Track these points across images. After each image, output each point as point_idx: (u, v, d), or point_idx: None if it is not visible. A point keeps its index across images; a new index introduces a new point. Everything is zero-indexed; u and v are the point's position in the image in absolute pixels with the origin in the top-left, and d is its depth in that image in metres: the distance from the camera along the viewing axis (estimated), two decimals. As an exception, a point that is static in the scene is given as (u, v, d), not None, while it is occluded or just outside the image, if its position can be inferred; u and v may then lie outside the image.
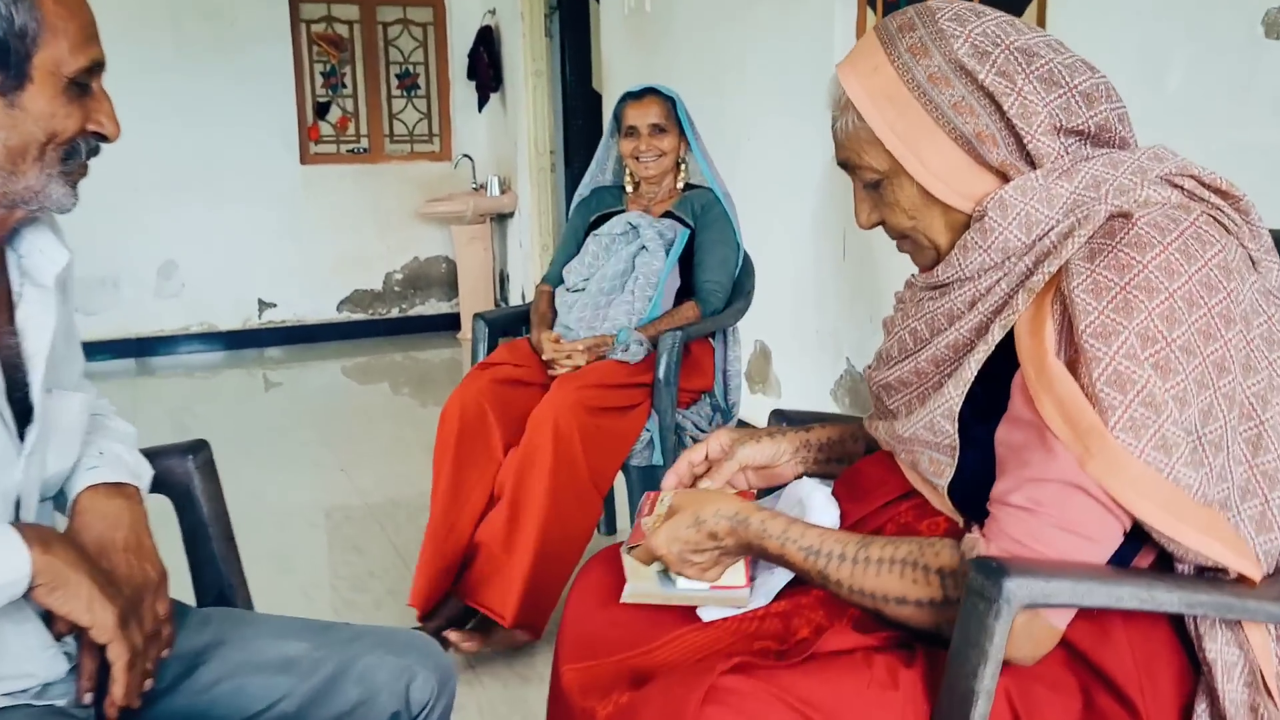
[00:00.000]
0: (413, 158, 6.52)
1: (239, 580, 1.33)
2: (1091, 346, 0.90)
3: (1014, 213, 1.00)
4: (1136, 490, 0.89)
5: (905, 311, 1.15)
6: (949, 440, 1.03)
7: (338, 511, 3.45)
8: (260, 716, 1.12)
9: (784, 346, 3.70)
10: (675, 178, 2.79)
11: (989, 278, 1.03)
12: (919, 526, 1.09)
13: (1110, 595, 0.88)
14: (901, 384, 1.13)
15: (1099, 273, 0.92)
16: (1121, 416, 0.89)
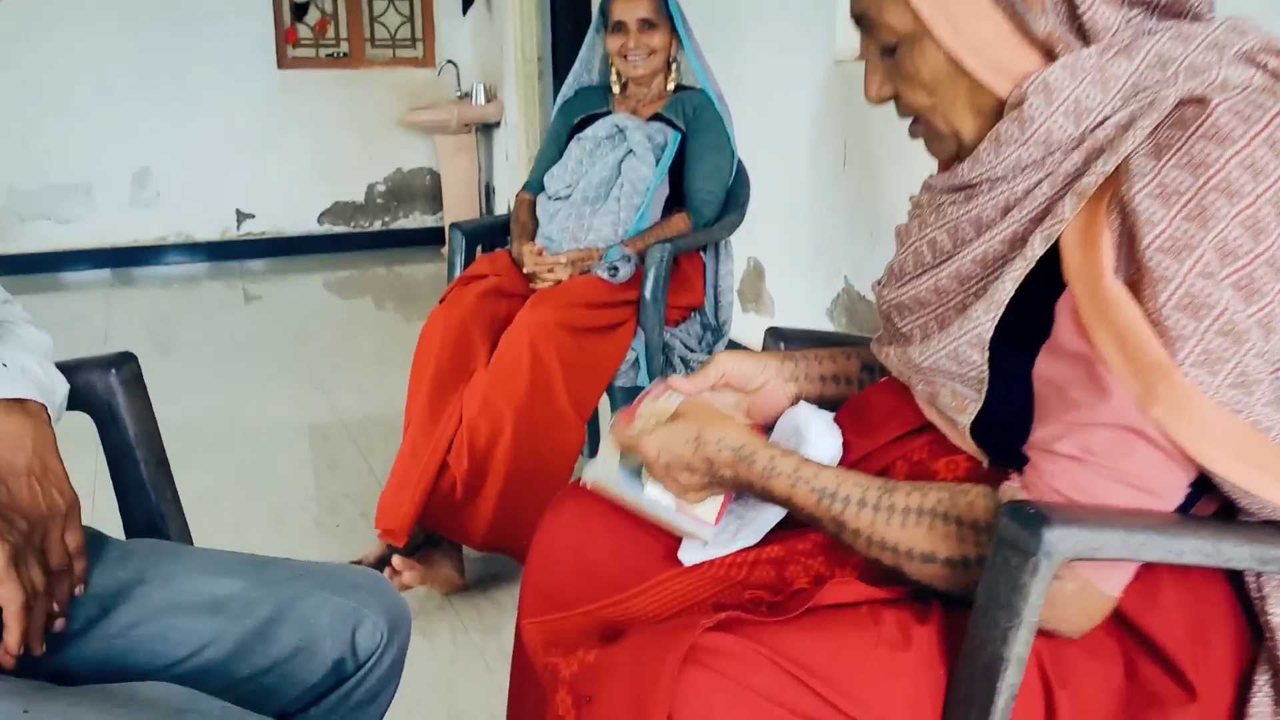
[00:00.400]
0: (395, 64, 6.26)
1: (172, 509, 1.19)
2: (1158, 264, 0.75)
3: (1060, 98, 0.82)
4: (1209, 438, 0.74)
5: (923, 219, 0.98)
6: (976, 372, 0.88)
7: (314, 430, 3.31)
8: (183, 664, 0.99)
9: (778, 263, 3.54)
10: (665, 78, 2.60)
11: (1027, 178, 0.86)
12: (934, 465, 0.95)
13: (1170, 549, 0.74)
14: (918, 304, 0.96)
15: (1168, 172, 0.76)
16: (1194, 349, 0.74)
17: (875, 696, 0.80)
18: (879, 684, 0.81)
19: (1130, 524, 0.74)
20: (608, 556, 1.05)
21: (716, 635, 0.82)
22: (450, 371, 2.23)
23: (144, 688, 0.86)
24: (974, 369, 0.88)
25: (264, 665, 1.01)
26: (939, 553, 0.84)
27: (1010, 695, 0.75)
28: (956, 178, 0.91)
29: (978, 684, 0.76)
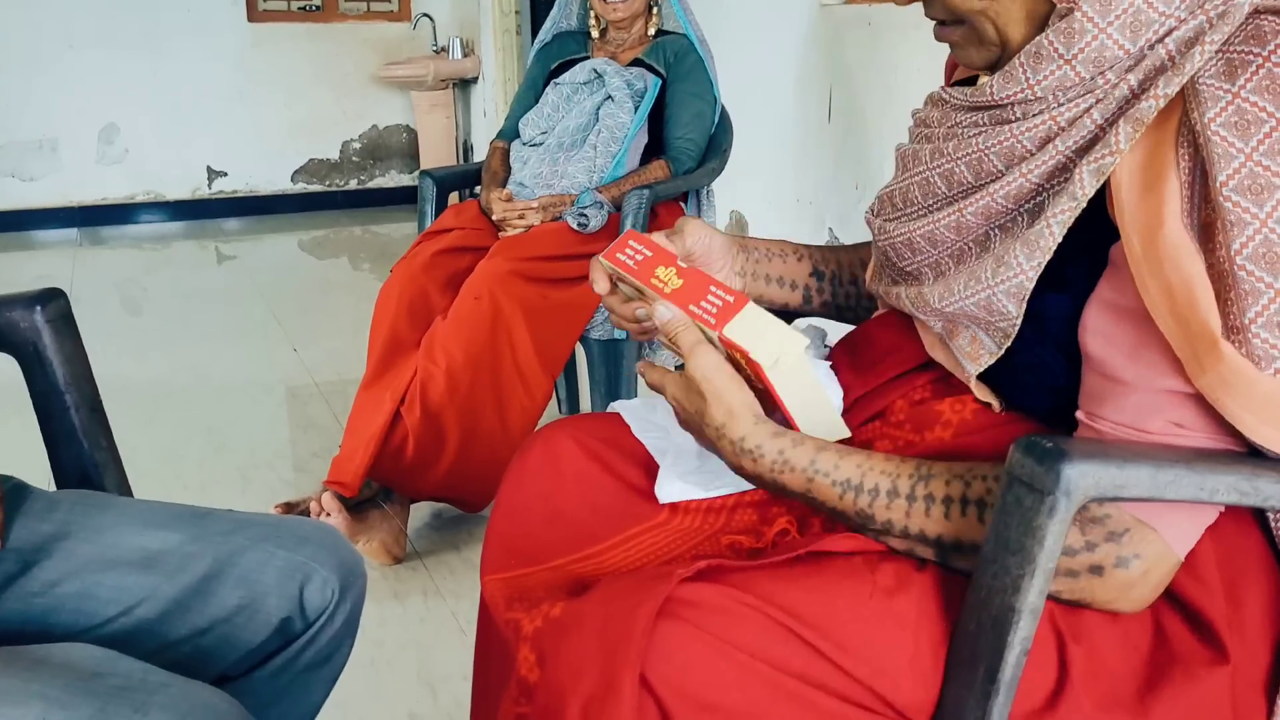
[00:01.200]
0: (369, 17, 6.08)
1: (107, 458, 1.10)
2: (1234, 206, 0.65)
3: (1120, 8, 0.71)
4: (1263, 413, 0.66)
5: (936, 145, 0.84)
6: (1008, 324, 0.77)
7: (284, 388, 3.22)
8: (111, 624, 0.91)
9: (761, 216, 3.45)
10: (646, 23, 2.50)
11: (1072, 105, 0.74)
12: (938, 405, 0.86)
13: (1202, 487, 0.66)
14: (930, 242, 0.84)
15: (1246, 98, 0.66)
16: (1267, 306, 0.65)
17: (871, 649, 0.72)
18: (876, 635, 0.73)
19: (1159, 458, 0.66)
20: (578, 505, 0.97)
21: (695, 585, 0.74)
22: (408, 328, 2.13)
23: (59, 649, 0.77)
24: (1006, 319, 0.77)
25: (202, 625, 0.93)
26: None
27: (1023, 651, 0.67)
28: (982, 94, 0.79)
29: (985, 638, 0.68)
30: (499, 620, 0.89)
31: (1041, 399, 0.80)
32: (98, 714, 0.69)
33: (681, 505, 0.93)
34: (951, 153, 0.82)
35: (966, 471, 0.76)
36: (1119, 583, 0.70)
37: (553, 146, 2.38)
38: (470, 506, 2.16)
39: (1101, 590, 0.71)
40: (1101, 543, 0.70)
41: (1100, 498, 0.65)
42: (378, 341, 2.11)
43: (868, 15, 2.85)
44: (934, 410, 0.86)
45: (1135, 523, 0.69)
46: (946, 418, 0.85)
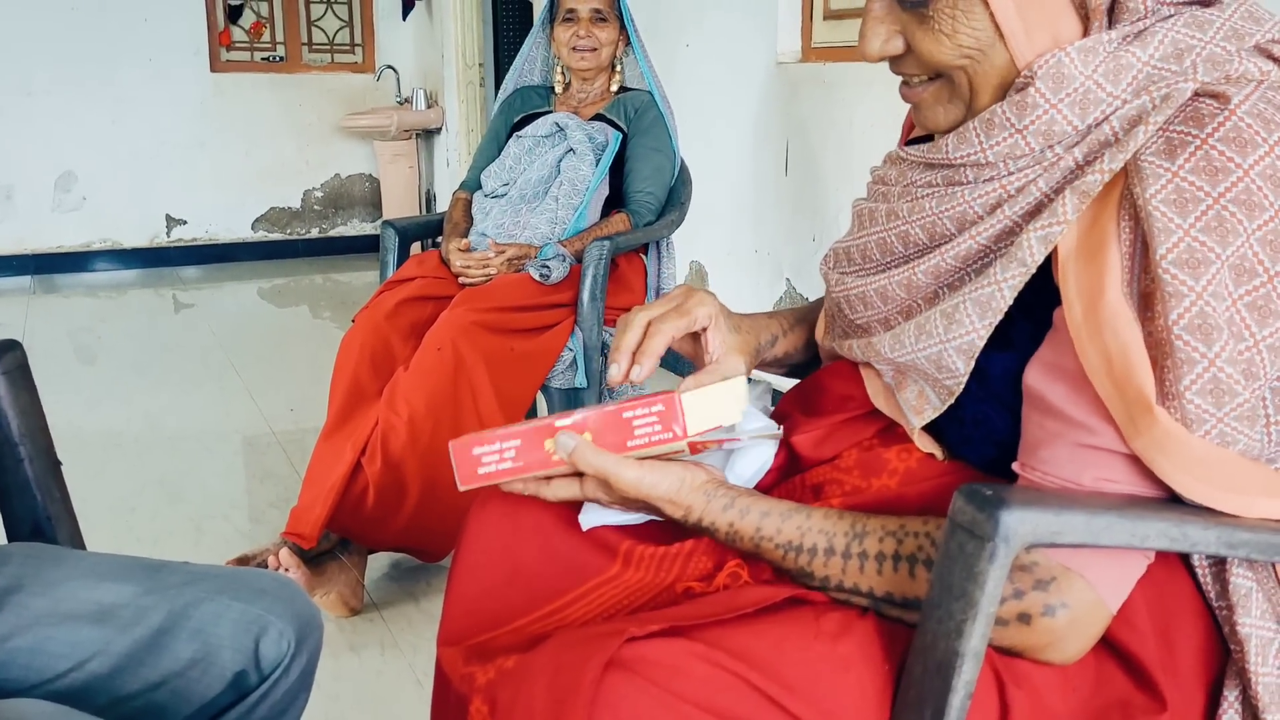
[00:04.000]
0: (333, 68, 6.13)
1: (60, 511, 1.09)
2: (1173, 278, 0.67)
3: (1071, 87, 0.74)
4: (1194, 473, 0.69)
5: (891, 206, 0.87)
6: (955, 381, 0.80)
7: (241, 437, 3.19)
8: (63, 679, 0.90)
9: (720, 266, 3.50)
10: (610, 79, 2.55)
11: (1022, 175, 0.77)
12: (885, 453, 0.88)
13: (1134, 532, 0.68)
14: (881, 297, 0.87)
15: (1185, 177, 0.68)
16: (1202, 374, 0.68)
17: (818, 692, 0.74)
18: (823, 677, 0.74)
19: (1092, 506, 0.69)
20: (538, 558, 0.97)
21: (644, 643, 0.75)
22: (370, 377, 2.13)
23: (10, 705, 0.77)
24: (953, 377, 0.80)
25: (155, 679, 0.92)
26: (924, 595, 0.75)
27: (966, 693, 0.69)
28: (937, 153, 0.82)
29: (931, 682, 0.70)
30: (454, 676, 0.90)
31: (985, 451, 0.82)
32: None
33: (636, 556, 0.94)
34: (906, 215, 0.84)
35: (899, 529, 0.79)
36: (1046, 630, 0.72)
37: (515, 198, 2.40)
38: (429, 556, 2.15)
39: (1031, 638, 0.73)
40: (1029, 591, 0.72)
41: (1037, 543, 0.68)
42: (339, 391, 2.11)
43: (822, 74, 2.92)
44: (881, 458, 0.88)
45: (1062, 570, 0.72)
46: (893, 466, 0.87)
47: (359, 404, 2.10)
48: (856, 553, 0.79)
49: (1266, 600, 0.75)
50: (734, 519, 0.84)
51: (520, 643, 0.88)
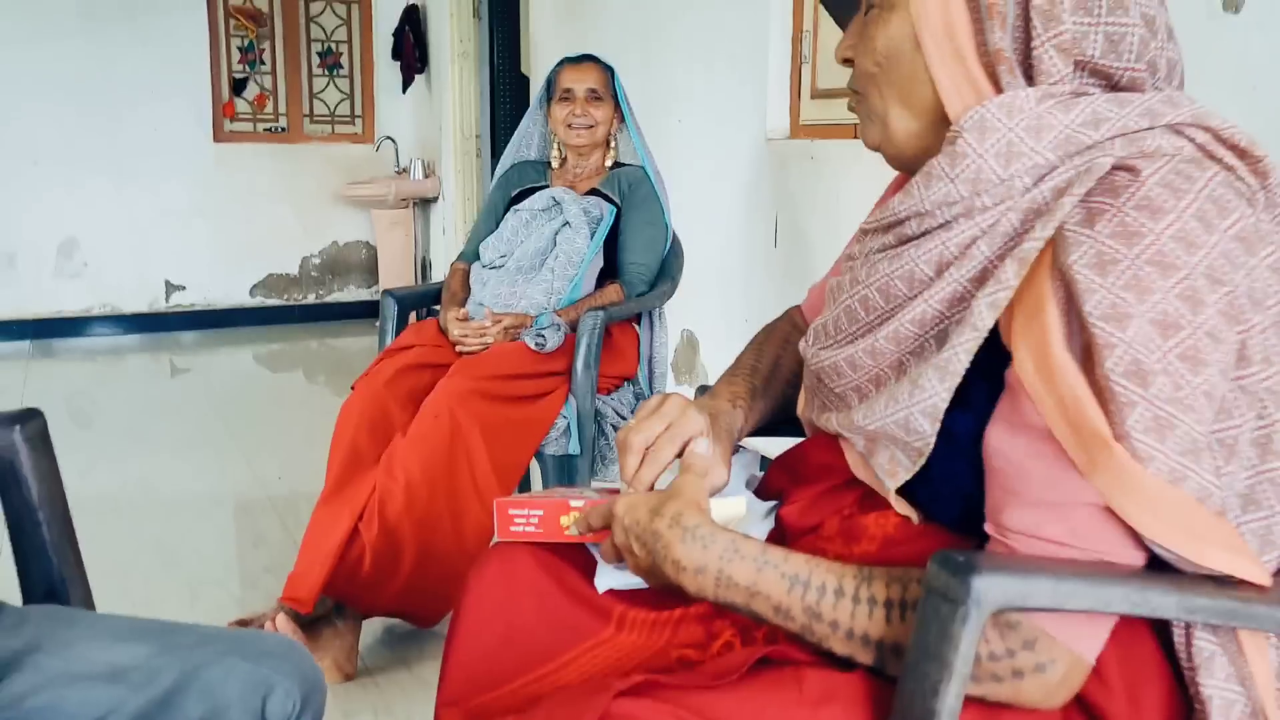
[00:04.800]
0: (333, 139, 6.26)
1: (75, 574, 1.13)
2: (1102, 331, 0.74)
3: (994, 138, 0.82)
4: (1149, 509, 0.74)
5: (854, 274, 0.95)
6: (922, 442, 0.86)
7: (235, 502, 3.22)
8: (78, 737, 0.93)
9: (712, 334, 3.56)
10: (604, 155, 2.64)
11: (959, 232, 0.84)
12: (864, 520, 0.93)
13: (1098, 597, 0.73)
14: (851, 366, 0.93)
15: (1103, 242, 0.75)
16: (1143, 414, 0.73)
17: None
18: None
19: (1059, 571, 0.73)
20: (535, 621, 1.01)
21: (632, 700, 0.79)
22: (368, 444, 2.17)
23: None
24: (921, 438, 0.85)
25: (166, 737, 0.95)
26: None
27: (942, 752, 0.73)
28: (887, 212, 0.90)
29: (909, 739, 0.74)
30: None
31: (955, 509, 0.87)
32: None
33: (629, 620, 0.98)
34: (865, 279, 0.91)
35: (903, 575, 0.83)
36: (1040, 685, 0.76)
37: (512, 269, 2.47)
38: (424, 622, 2.18)
39: (1026, 692, 0.77)
40: (1019, 650, 0.76)
41: (1007, 607, 0.72)
42: (337, 457, 2.15)
43: (810, 150, 3.02)
44: (860, 524, 0.93)
45: (1041, 631, 0.76)
46: (872, 532, 0.92)
47: (357, 470, 2.14)
48: (865, 597, 0.82)
49: (1230, 664, 0.79)
50: (736, 538, 0.87)
51: (517, 704, 0.92)
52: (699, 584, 0.87)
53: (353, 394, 2.23)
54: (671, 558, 0.88)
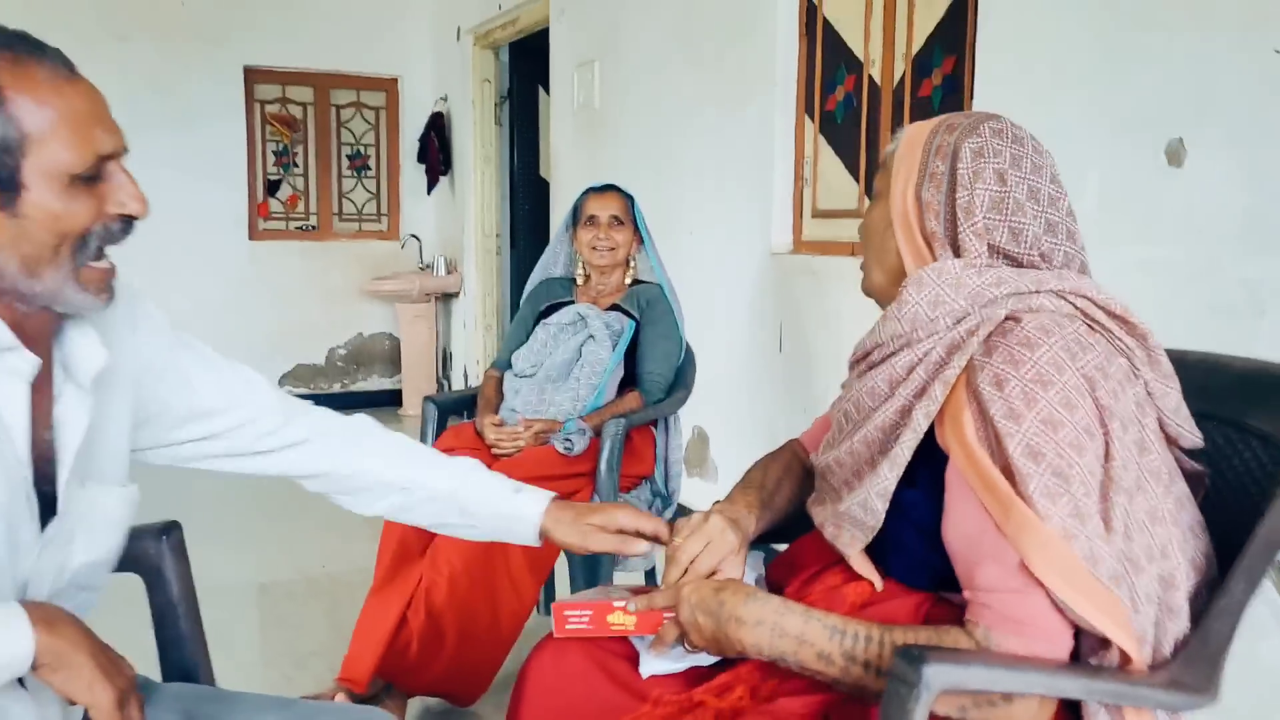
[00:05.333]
0: (361, 236, 6.61)
1: (204, 658, 1.38)
2: (1003, 426, 1.04)
3: (926, 291, 1.15)
4: (1045, 559, 1.00)
5: (844, 393, 1.29)
6: (876, 520, 1.15)
7: (276, 588, 3.45)
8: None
9: (721, 432, 3.82)
10: (624, 273, 2.92)
11: (903, 359, 1.16)
12: (845, 591, 1.21)
13: (1019, 681, 0.98)
14: (838, 464, 1.24)
15: (998, 367, 1.07)
16: (1039, 483, 1.01)
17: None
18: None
19: (989, 662, 0.99)
20: (584, 698, 1.26)
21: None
22: (415, 540, 2.42)
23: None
24: (874, 515, 1.16)
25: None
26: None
27: (904, 800, 0.97)
28: (862, 347, 1.25)
29: (879, 791, 0.98)
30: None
31: (910, 564, 1.17)
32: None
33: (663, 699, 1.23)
34: (846, 397, 1.26)
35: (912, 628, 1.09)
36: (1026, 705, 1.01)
37: (541, 378, 2.74)
38: (462, 701, 2.40)
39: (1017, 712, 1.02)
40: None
41: (949, 688, 0.97)
42: (387, 551, 2.40)
43: (811, 264, 3.31)
44: (840, 594, 1.21)
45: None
46: (851, 600, 1.20)
47: (405, 563, 2.38)
48: (889, 642, 1.08)
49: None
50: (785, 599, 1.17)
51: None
52: (756, 636, 1.14)
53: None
54: (736, 616, 1.15)
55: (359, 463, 1.39)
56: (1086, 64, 2.29)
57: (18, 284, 1.00)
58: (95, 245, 1.04)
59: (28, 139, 0.97)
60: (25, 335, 1.03)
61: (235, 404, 1.31)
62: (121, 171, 1.04)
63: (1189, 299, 2.07)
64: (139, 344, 1.21)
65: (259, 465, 1.36)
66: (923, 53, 2.92)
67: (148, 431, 1.25)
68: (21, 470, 1.04)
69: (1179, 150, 2.10)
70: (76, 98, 1.00)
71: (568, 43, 4.91)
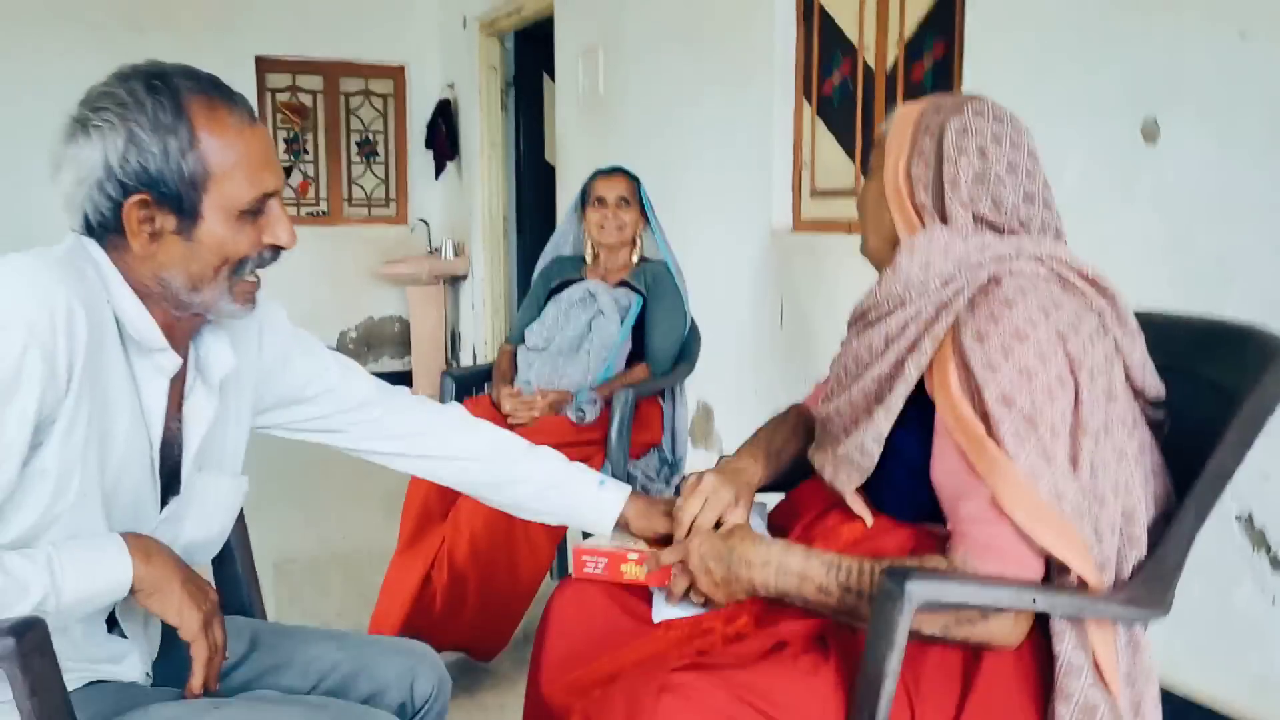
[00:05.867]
0: (370, 221, 6.74)
1: (257, 596, 1.53)
2: (981, 375, 1.17)
3: (918, 256, 1.28)
4: (1011, 495, 1.14)
5: (843, 349, 1.42)
6: (870, 461, 1.29)
7: (303, 556, 3.60)
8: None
9: (725, 405, 3.95)
10: (631, 251, 3.05)
11: (898, 317, 1.29)
12: (841, 529, 1.35)
13: (990, 596, 1.13)
14: (837, 414, 1.37)
15: (979, 322, 1.20)
16: (1009, 427, 1.15)
17: (796, 707, 1.16)
18: (799, 699, 1.17)
19: (964, 580, 1.13)
20: (602, 625, 1.40)
21: (683, 673, 1.18)
22: (437, 504, 2.57)
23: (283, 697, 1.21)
24: (869, 459, 1.29)
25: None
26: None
27: (889, 700, 1.11)
28: (860, 307, 1.38)
29: (868, 692, 1.12)
30: (554, 705, 1.32)
31: (903, 505, 1.30)
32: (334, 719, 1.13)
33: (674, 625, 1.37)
34: (845, 352, 1.40)
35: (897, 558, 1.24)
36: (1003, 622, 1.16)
37: (553, 352, 2.88)
38: (483, 655, 2.54)
39: (994, 629, 1.17)
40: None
41: (928, 602, 1.11)
42: (410, 514, 2.54)
43: (810, 243, 3.44)
44: (838, 533, 1.35)
45: None
46: (846, 536, 1.34)
47: (427, 524, 2.53)
48: (876, 571, 1.20)
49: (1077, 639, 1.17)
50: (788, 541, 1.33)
51: (600, 679, 1.31)
52: (764, 575, 1.28)
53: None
54: (745, 558, 1.30)
55: (454, 459, 1.54)
56: (1068, 47, 2.42)
57: (179, 294, 1.15)
58: (250, 268, 1.19)
59: (211, 177, 1.11)
60: (171, 337, 1.18)
61: (337, 394, 1.47)
62: (279, 207, 1.19)
63: (1164, 268, 2.21)
64: (263, 345, 1.37)
65: (353, 444, 1.55)
66: (915, 38, 3.04)
67: (264, 416, 1.44)
68: (150, 453, 1.18)
69: (1153, 129, 2.23)
70: (255, 142, 1.15)
71: (572, 30, 5.03)
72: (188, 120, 1.10)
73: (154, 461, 1.19)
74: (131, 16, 5.83)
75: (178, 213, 1.11)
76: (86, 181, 1.10)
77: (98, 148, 1.09)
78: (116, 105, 1.09)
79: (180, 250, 1.13)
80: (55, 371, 1.02)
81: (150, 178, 1.09)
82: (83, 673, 1.18)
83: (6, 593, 1.02)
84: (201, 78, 1.14)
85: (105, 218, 1.11)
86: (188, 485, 1.24)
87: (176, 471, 1.23)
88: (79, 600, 1.07)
